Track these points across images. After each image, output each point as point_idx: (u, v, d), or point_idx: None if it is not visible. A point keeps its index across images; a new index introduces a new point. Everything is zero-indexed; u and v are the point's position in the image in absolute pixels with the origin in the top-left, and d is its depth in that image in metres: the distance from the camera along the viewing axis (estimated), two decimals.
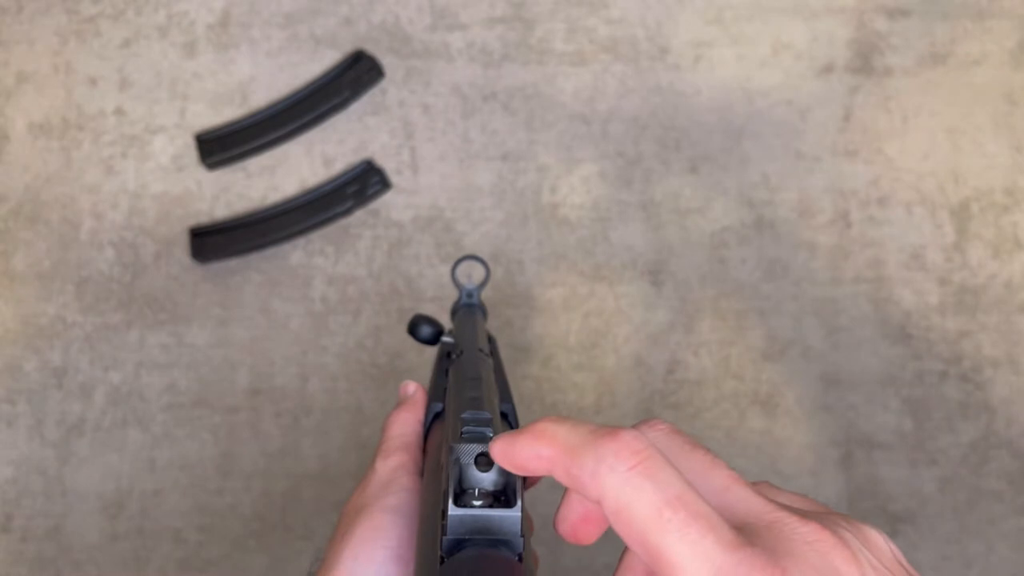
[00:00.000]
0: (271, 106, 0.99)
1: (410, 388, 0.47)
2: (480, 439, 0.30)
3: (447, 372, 0.46)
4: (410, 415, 0.45)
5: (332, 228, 0.96)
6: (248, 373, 0.92)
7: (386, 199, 0.97)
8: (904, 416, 0.94)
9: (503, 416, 0.42)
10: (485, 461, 0.29)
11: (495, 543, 0.27)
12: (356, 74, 0.99)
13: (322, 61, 1.00)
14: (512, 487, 0.29)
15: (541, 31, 1.02)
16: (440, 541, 0.27)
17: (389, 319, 0.94)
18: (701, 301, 0.96)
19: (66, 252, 0.95)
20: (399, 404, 0.46)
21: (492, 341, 0.54)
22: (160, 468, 0.90)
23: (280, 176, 0.97)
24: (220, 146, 0.97)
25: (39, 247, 0.95)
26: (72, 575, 0.87)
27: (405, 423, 0.44)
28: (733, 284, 0.96)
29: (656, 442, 0.27)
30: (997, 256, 0.98)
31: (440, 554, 0.27)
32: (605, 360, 0.94)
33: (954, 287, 0.97)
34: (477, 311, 0.59)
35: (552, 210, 0.97)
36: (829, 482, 0.92)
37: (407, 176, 0.98)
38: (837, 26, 1.03)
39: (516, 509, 0.28)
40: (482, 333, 0.52)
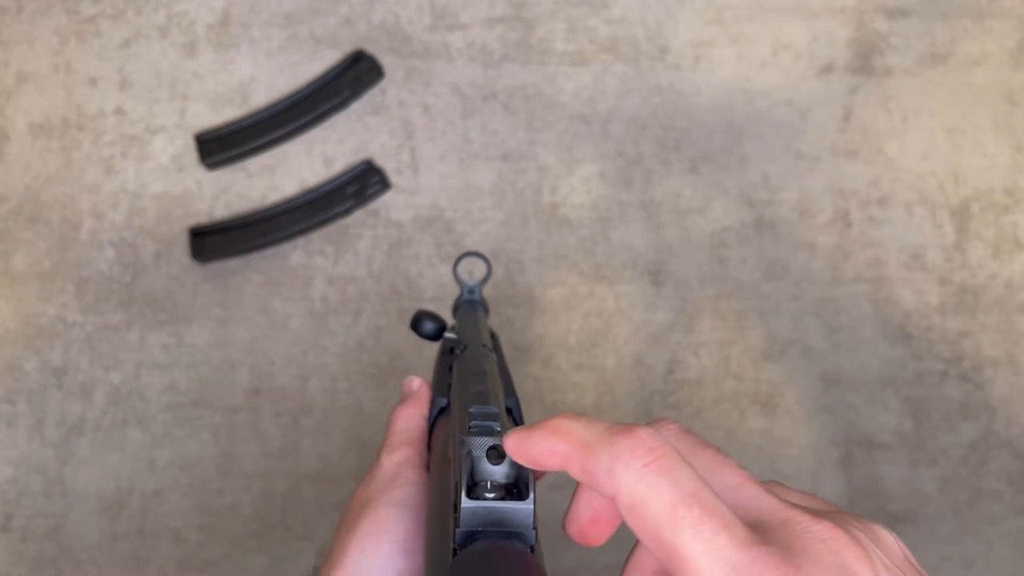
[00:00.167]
0: (271, 106, 0.98)
1: (414, 383, 0.47)
2: (488, 433, 0.30)
3: (450, 368, 0.46)
4: (415, 410, 0.45)
5: (332, 228, 0.96)
6: (248, 373, 0.92)
7: (386, 199, 0.97)
8: (904, 416, 0.94)
9: (508, 411, 0.42)
10: (496, 454, 0.29)
11: (508, 535, 0.27)
12: (356, 74, 0.99)
13: (322, 61, 1.00)
14: (524, 480, 0.29)
15: (541, 31, 1.02)
16: (453, 533, 0.27)
17: (389, 319, 0.94)
18: (701, 301, 0.96)
19: (66, 252, 0.95)
20: (403, 399, 0.46)
21: (494, 337, 0.54)
22: (160, 468, 0.90)
23: (280, 176, 0.97)
24: (220, 146, 0.97)
25: (39, 247, 0.95)
26: (72, 575, 0.87)
27: (410, 418, 0.44)
28: (733, 284, 0.96)
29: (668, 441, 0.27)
30: (997, 256, 0.98)
31: (453, 546, 0.27)
32: (605, 360, 0.94)
33: (954, 287, 0.97)
34: (479, 307, 0.59)
35: (552, 210, 0.97)
36: (829, 482, 0.92)
37: (407, 176, 0.98)
38: (837, 26, 1.03)
39: (529, 502, 0.28)
40: (485, 329, 0.52)
